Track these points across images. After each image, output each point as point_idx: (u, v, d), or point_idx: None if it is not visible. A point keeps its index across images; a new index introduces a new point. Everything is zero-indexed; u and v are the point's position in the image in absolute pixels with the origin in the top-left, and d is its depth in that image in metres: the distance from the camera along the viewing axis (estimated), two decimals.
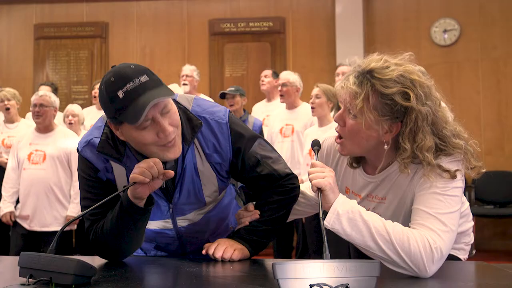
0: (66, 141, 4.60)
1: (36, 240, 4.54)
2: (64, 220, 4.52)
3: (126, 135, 1.72)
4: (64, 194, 4.56)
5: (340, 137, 1.77)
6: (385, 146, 1.71)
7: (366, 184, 1.85)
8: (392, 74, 1.64)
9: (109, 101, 1.65)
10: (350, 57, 1.76)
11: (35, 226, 4.52)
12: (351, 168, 1.88)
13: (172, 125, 1.70)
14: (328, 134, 2.07)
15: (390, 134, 1.68)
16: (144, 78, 1.64)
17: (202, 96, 1.64)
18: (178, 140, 1.75)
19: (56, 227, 4.49)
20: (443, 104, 1.76)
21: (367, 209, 1.83)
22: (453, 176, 1.65)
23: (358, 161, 1.87)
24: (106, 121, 1.82)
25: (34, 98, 4.60)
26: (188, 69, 6.30)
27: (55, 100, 4.63)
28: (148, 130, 1.67)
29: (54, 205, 4.52)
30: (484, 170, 1.73)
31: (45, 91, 4.82)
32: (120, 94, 1.62)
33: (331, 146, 1.97)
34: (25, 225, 4.55)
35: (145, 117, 1.63)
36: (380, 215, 1.80)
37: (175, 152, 1.74)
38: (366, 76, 1.67)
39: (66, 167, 4.56)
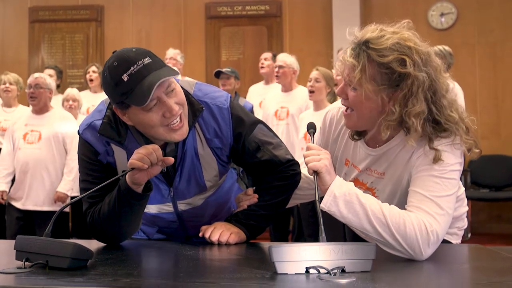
0: (62, 122, 4.61)
1: (32, 223, 4.54)
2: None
3: (133, 119, 1.73)
4: (58, 174, 4.57)
5: (347, 109, 1.77)
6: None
7: (366, 156, 1.84)
8: (387, 43, 1.64)
9: (114, 86, 1.66)
10: (349, 28, 1.74)
11: (29, 205, 4.53)
12: (353, 140, 1.88)
13: (178, 104, 1.71)
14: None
15: (393, 103, 1.68)
16: (147, 60, 1.65)
17: (187, 79, 1.67)
18: (185, 120, 1.76)
19: (50, 207, 4.51)
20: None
21: (366, 183, 1.84)
22: (436, 159, 1.64)
23: (359, 134, 1.86)
24: (108, 104, 1.84)
25: (29, 80, 4.60)
26: (172, 52, 6.43)
27: (50, 82, 4.62)
28: (154, 111, 1.68)
29: (49, 184, 4.53)
30: (478, 150, 1.72)
31: (40, 73, 4.81)
32: (125, 77, 1.63)
33: (334, 116, 1.97)
34: (19, 205, 4.55)
35: (151, 97, 1.64)
36: (378, 190, 1.80)
37: (182, 133, 1.75)
38: (362, 48, 1.67)
39: (61, 148, 4.57)
